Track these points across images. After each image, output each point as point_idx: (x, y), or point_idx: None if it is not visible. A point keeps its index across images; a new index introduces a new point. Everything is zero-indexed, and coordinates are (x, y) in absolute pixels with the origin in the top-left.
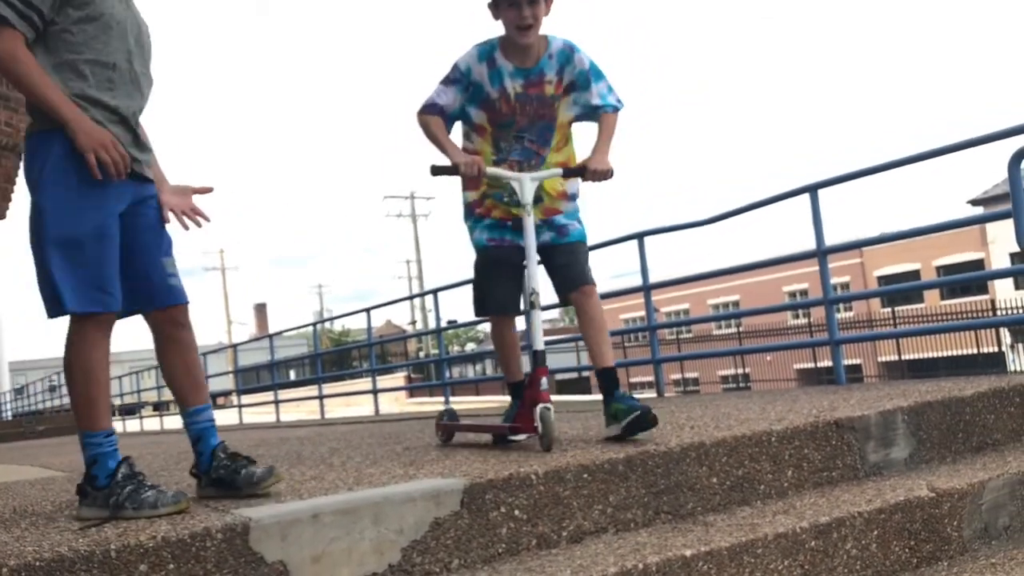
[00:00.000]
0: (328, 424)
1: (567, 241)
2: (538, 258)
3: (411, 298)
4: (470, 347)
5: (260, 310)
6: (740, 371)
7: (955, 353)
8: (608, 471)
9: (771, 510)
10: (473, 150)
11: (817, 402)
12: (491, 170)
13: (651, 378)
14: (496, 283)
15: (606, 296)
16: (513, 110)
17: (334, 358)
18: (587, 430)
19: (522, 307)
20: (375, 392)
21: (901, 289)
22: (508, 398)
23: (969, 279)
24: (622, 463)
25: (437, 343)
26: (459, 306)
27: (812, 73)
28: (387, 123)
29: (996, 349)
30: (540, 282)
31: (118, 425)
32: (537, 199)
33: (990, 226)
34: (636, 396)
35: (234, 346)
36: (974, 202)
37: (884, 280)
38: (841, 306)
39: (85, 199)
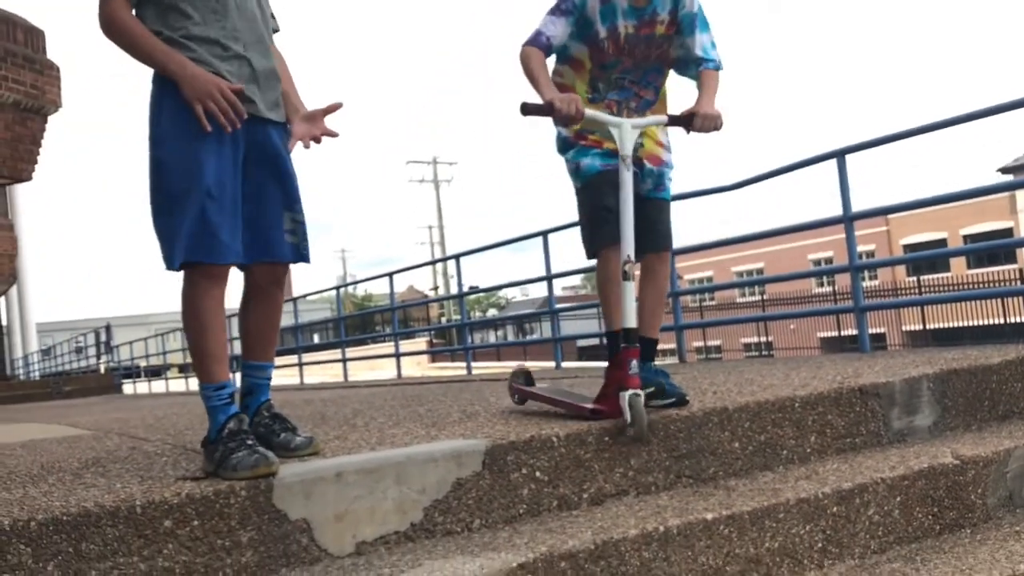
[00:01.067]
0: (351, 387)
1: (663, 197)
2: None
3: (433, 263)
4: (491, 312)
5: None
6: (763, 339)
7: (981, 323)
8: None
9: (793, 475)
10: (566, 86)
11: (841, 369)
12: (590, 112)
13: (673, 345)
14: (613, 208)
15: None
16: (620, 51)
17: (357, 322)
18: None
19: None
20: (397, 356)
21: (927, 256)
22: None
23: (997, 247)
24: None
25: (459, 308)
26: (481, 271)
27: (818, 60)
28: (410, 88)
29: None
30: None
31: (142, 386)
32: (640, 143)
33: (1020, 194)
34: (657, 364)
35: None
36: (1004, 170)
37: (910, 248)
38: (866, 274)
39: (198, 150)
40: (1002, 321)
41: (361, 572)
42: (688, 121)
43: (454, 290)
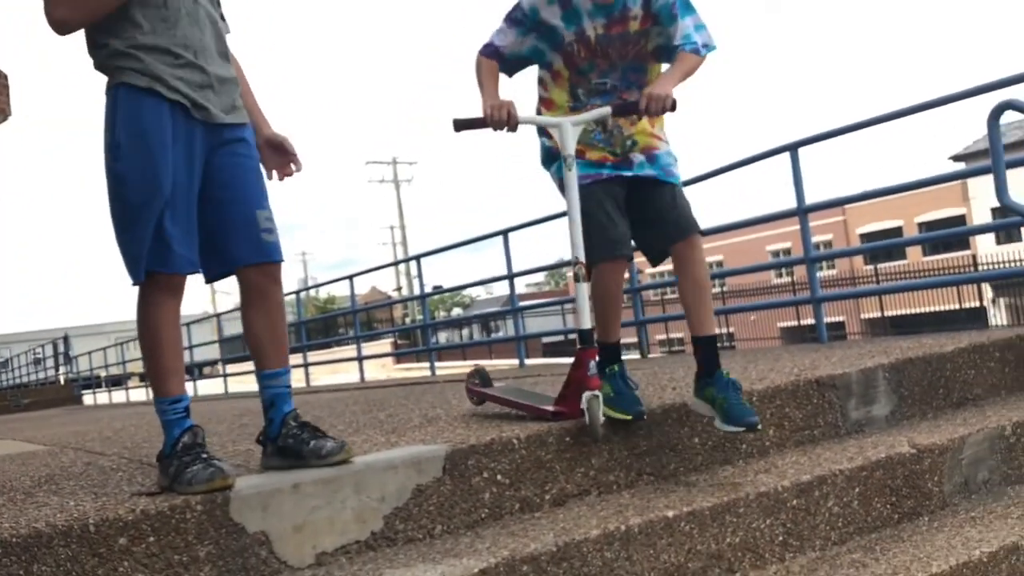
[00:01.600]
0: (313, 392)
1: (672, 181)
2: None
3: (396, 264)
4: (456, 312)
5: None
6: (724, 331)
7: (938, 309)
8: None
9: (753, 469)
10: (547, 99)
11: (799, 361)
12: (524, 116)
13: (635, 339)
14: (602, 221)
15: None
16: (593, 54)
17: (319, 326)
18: None
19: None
20: (360, 359)
21: (883, 246)
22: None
23: (951, 235)
24: (604, 426)
25: (422, 309)
26: (443, 272)
27: (817, 58)
28: (368, 88)
29: (978, 304)
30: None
31: (103, 396)
32: (632, 143)
33: (971, 181)
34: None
35: (218, 315)
36: (956, 158)
37: (866, 237)
38: (824, 264)
39: (155, 160)
40: (958, 307)
41: None
42: (633, 106)
43: (417, 290)
